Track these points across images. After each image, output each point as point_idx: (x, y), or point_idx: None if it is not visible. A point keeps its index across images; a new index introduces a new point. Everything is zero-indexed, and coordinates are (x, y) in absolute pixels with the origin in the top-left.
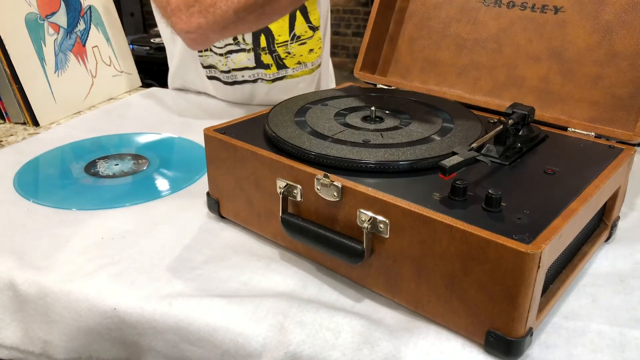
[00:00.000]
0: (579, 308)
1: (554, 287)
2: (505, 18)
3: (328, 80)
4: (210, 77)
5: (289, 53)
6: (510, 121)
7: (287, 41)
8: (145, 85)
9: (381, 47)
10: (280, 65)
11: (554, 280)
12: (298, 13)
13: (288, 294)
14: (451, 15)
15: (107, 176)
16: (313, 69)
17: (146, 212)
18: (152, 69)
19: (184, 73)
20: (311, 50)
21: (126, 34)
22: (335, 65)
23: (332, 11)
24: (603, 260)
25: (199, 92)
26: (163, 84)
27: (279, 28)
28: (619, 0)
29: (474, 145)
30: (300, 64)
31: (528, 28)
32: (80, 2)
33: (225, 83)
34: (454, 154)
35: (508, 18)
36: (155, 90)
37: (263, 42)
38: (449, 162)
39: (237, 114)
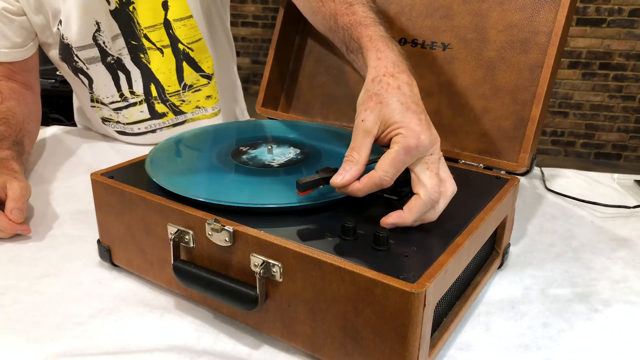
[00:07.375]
0: (473, 338)
1: (447, 321)
2: None
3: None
4: (109, 125)
5: (183, 101)
6: None
7: (178, 91)
8: (51, 120)
9: (282, 83)
10: (177, 112)
11: (448, 313)
12: (185, 64)
13: (181, 347)
14: None
15: None
16: (215, 113)
17: (31, 263)
18: (59, 103)
19: (86, 114)
20: (209, 96)
21: None
22: (254, 94)
23: (250, 40)
24: (496, 288)
25: (104, 135)
26: (70, 118)
27: (167, 79)
28: (499, 38)
29: None
30: (199, 108)
31: (420, 64)
32: None
33: (124, 134)
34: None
35: None
36: (56, 129)
37: (154, 91)
38: (304, 179)
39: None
